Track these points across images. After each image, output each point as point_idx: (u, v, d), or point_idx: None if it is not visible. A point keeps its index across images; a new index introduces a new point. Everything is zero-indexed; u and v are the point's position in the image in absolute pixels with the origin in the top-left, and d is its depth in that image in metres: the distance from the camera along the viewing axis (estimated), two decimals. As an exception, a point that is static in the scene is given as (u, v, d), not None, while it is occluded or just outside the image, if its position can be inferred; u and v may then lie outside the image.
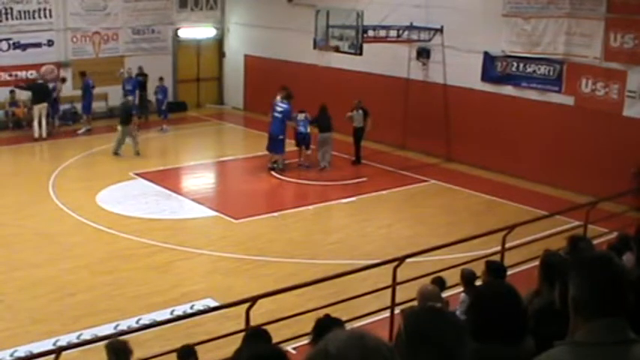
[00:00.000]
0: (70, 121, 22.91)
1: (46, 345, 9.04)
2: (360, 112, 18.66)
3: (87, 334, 9.51)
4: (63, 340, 9.39)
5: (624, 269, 2.79)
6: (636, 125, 15.49)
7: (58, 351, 7.24)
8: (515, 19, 17.63)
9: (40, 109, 20.95)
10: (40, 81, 21.57)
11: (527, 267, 10.15)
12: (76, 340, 9.22)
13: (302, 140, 18.49)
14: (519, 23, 17.56)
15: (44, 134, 21.03)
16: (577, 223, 12.24)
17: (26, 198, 15.88)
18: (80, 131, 22.06)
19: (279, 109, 18.16)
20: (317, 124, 18.51)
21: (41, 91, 21.18)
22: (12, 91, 22.01)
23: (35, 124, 20.88)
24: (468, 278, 8.41)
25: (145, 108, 23.20)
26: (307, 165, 18.54)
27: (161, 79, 23.03)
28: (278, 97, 18.39)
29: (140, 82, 23.11)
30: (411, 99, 20.07)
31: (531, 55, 17.41)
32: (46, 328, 10.01)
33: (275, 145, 18.14)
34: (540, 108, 17.40)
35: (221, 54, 26.43)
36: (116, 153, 19.34)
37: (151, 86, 23.27)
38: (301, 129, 18.37)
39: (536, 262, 5.68)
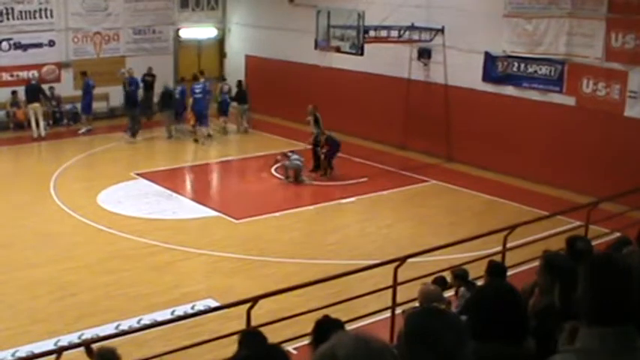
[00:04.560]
0: (71, 122, 22.94)
1: (47, 345, 9.05)
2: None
3: (88, 334, 9.51)
4: (64, 340, 9.40)
5: (633, 275, 2.70)
6: (637, 125, 15.47)
7: (59, 351, 7.24)
8: (516, 19, 17.62)
9: (34, 108, 20.97)
10: (33, 82, 21.55)
11: (528, 267, 10.14)
12: (77, 340, 9.21)
13: (225, 109, 21.78)
14: (520, 23, 17.54)
15: (42, 134, 21.05)
16: (578, 223, 12.21)
17: (27, 198, 15.88)
18: (81, 131, 22.06)
19: (197, 90, 21.03)
20: (237, 99, 22.04)
21: (33, 92, 21.18)
22: (13, 92, 22.02)
23: (33, 124, 20.95)
24: (462, 277, 8.40)
25: (149, 108, 23.19)
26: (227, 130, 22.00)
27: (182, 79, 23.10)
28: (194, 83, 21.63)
29: (146, 82, 23.11)
30: (412, 99, 20.06)
31: (532, 55, 17.39)
32: (47, 328, 10.02)
33: (203, 120, 21.05)
34: (541, 108, 17.38)
35: (222, 54, 26.43)
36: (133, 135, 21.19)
37: (158, 85, 23.22)
38: (227, 99, 21.90)
39: (537, 263, 5.67)
